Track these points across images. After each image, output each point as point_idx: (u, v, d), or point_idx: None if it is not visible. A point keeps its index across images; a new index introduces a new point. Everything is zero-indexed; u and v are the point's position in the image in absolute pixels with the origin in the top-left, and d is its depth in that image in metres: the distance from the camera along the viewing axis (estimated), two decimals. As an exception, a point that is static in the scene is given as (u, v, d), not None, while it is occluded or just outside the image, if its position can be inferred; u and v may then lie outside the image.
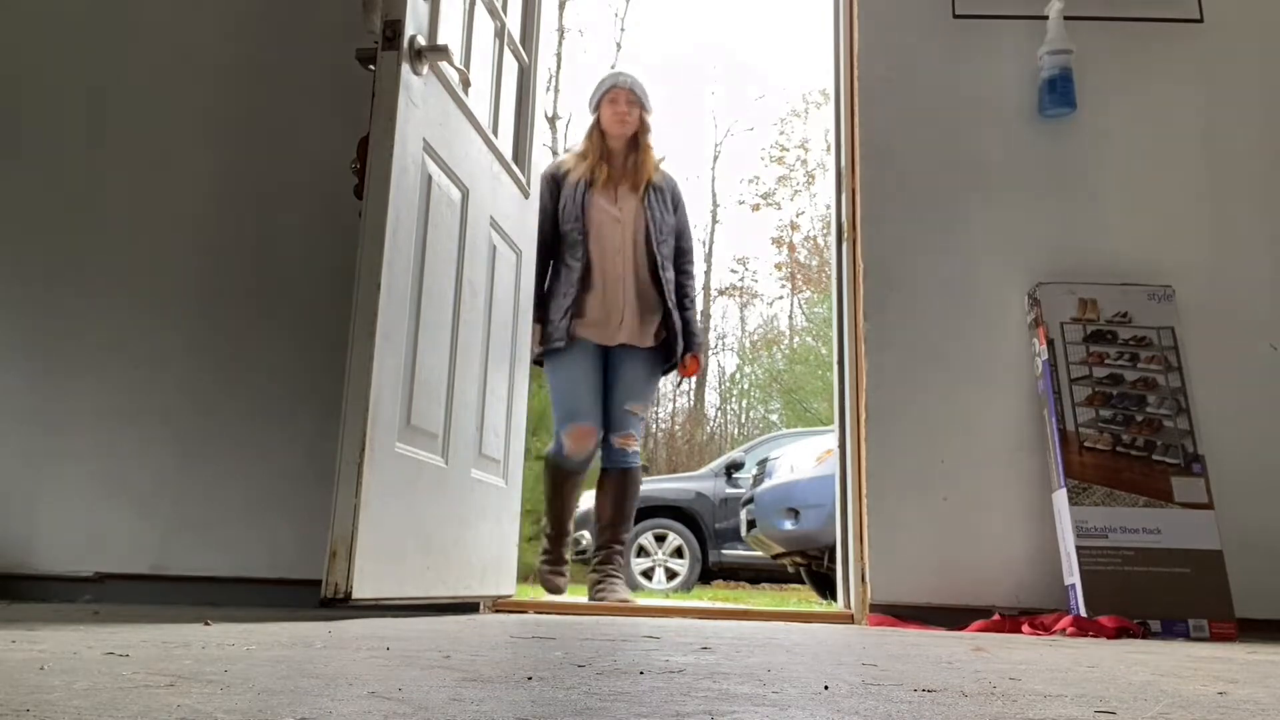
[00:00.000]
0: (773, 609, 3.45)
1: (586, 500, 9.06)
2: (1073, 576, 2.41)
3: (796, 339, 20.93)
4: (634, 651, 1.30)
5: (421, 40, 2.09)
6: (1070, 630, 2.26)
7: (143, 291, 2.72)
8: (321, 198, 2.75)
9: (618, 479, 3.51)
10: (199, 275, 2.74)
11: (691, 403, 21.57)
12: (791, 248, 21.03)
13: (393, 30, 2.02)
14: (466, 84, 2.38)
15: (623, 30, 21.98)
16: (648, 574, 8.18)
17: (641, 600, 3.70)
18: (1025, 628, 2.35)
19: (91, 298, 2.73)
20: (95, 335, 2.70)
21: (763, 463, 6.90)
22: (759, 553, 7.31)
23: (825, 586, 6.25)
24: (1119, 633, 2.22)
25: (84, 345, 2.70)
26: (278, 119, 2.85)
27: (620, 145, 3.57)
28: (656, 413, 21.51)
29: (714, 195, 22.46)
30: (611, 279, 3.44)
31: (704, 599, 5.90)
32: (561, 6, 17.83)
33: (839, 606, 2.86)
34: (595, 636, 1.63)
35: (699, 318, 3.71)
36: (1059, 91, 2.80)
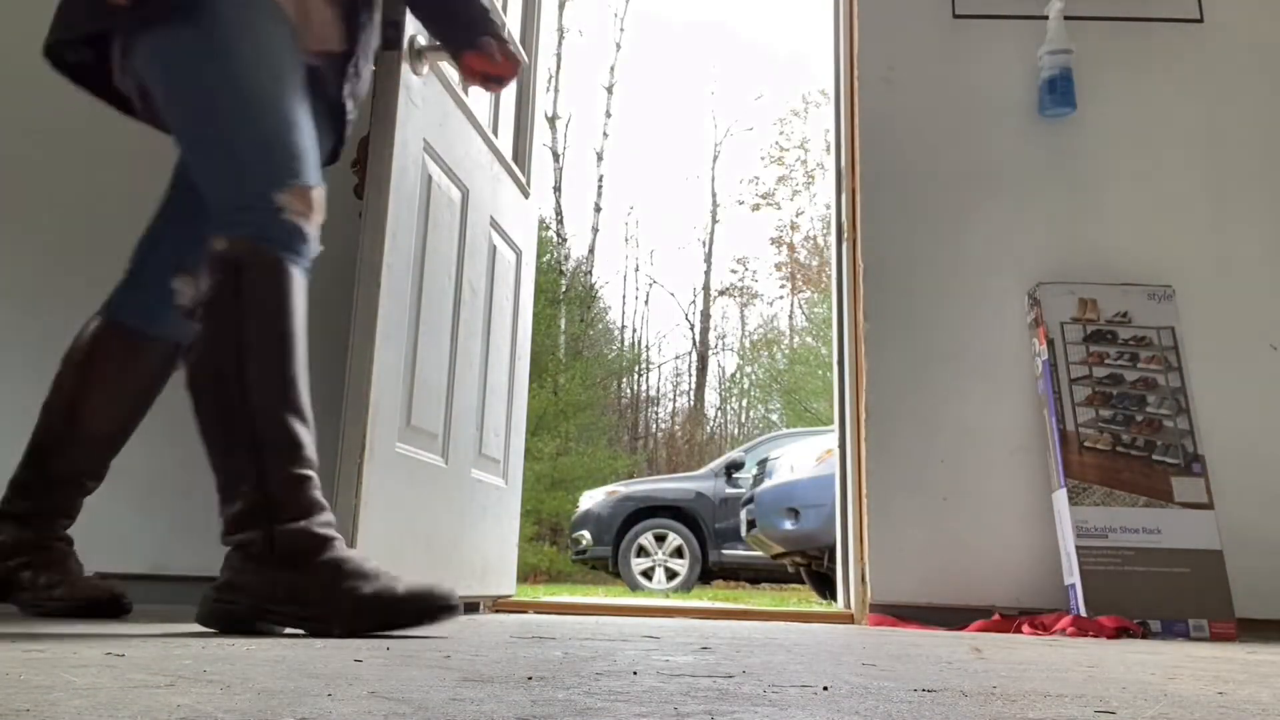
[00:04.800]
0: (773, 609, 3.45)
1: (586, 499, 9.08)
2: (1073, 576, 2.41)
3: (796, 339, 20.96)
4: (634, 651, 1.30)
5: (421, 40, 2.09)
6: (1070, 630, 2.26)
7: (143, 291, 2.72)
8: (321, 198, 2.74)
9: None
10: (199, 275, 2.74)
11: (691, 403, 21.58)
12: (791, 248, 21.05)
13: (392, 30, 2.02)
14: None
15: (622, 30, 21.99)
16: (648, 574, 8.19)
17: (641, 600, 3.71)
18: (1025, 628, 2.35)
19: (92, 297, 2.73)
20: (95, 335, 2.70)
21: (763, 463, 6.90)
22: (759, 553, 7.31)
23: (825, 586, 6.25)
24: (1119, 633, 2.22)
25: (84, 345, 2.69)
26: (278, 119, 2.85)
27: None
28: (656, 412, 21.55)
29: (714, 195, 22.46)
30: None
31: (704, 599, 5.90)
32: (561, 6, 17.84)
33: (839, 606, 2.86)
34: (595, 636, 1.63)
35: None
36: (1059, 91, 2.80)
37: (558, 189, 19.85)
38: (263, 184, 1.59)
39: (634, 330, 22.26)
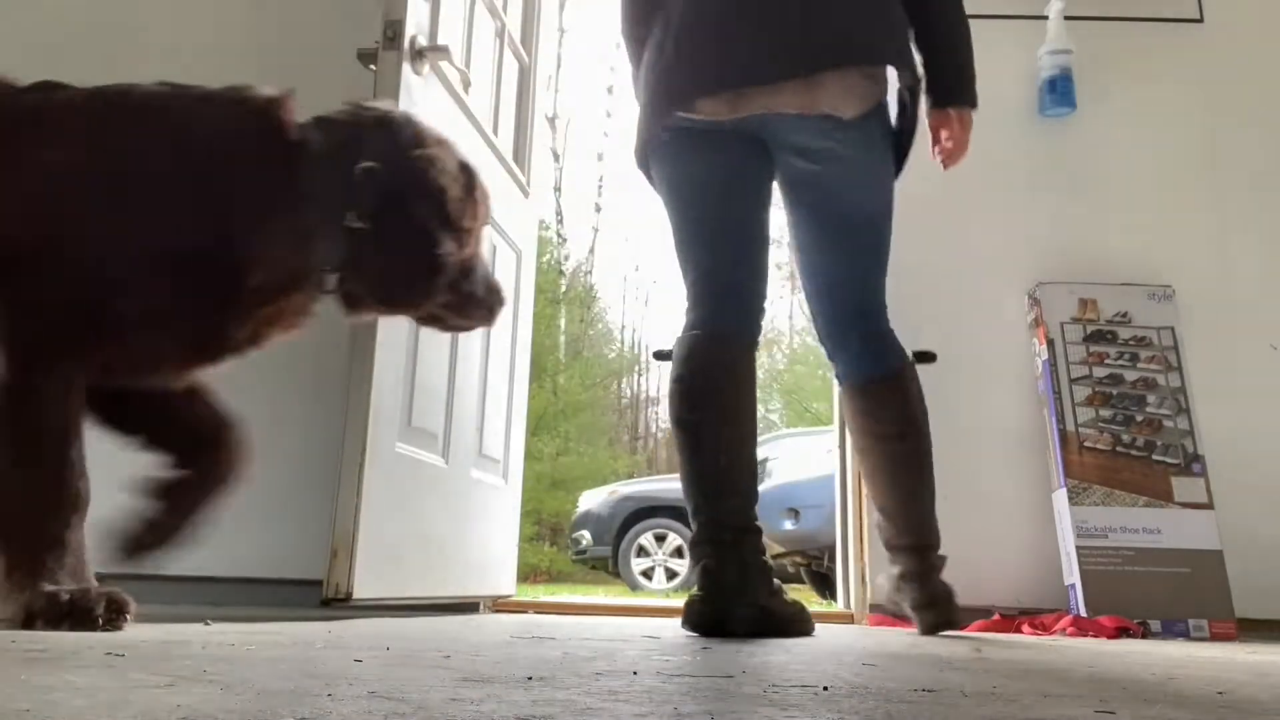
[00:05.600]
0: (773, 609, 3.44)
1: (586, 500, 9.07)
2: (1073, 576, 2.41)
3: (796, 339, 20.93)
4: (634, 651, 1.30)
5: (422, 40, 2.09)
6: (1070, 630, 2.26)
7: (143, 291, 2.72)
8: (321, 198, 2.73)
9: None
10: (199, 275, 2.74)
11: (691, 403, 21.52)
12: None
13: (393, 30, 2.02)
14: (467, 84, 2.38)
15: (623, 30, 21.93)
16: (648, 574, 8.18)
17: (641, 600, 3.72)
18: (1025, 628, 2.35)
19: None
20: (95, 335, 2.70)
21: (763, 463, 6.90)
22: (759, 553, 7.30)
23: (825, 586, 6.25)
24: (1119, 633, 2.22)
25: (84, 345, 2.69)
26: (278, 119, 2.84)
27: None
28: (656, 412, 21.52)
29: (714, 195, 22.39)
30: None
31: (704, 599, 5.88)
32: (561, 6, 17.83)
33: (839, 606, 2.86)
34: (595, 636, 1.63)
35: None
36: (1059, 91, 2.80)
37: (558, 189, 19.84)
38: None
39: (634, 330, 22.25)
